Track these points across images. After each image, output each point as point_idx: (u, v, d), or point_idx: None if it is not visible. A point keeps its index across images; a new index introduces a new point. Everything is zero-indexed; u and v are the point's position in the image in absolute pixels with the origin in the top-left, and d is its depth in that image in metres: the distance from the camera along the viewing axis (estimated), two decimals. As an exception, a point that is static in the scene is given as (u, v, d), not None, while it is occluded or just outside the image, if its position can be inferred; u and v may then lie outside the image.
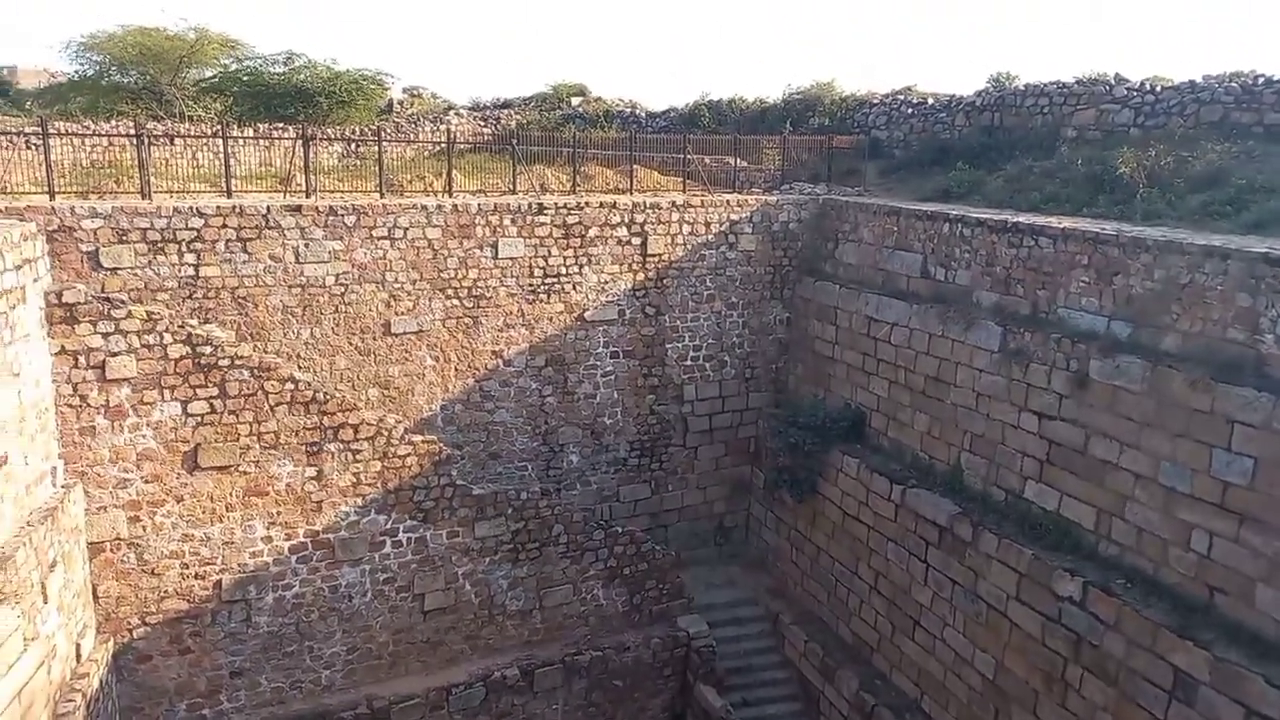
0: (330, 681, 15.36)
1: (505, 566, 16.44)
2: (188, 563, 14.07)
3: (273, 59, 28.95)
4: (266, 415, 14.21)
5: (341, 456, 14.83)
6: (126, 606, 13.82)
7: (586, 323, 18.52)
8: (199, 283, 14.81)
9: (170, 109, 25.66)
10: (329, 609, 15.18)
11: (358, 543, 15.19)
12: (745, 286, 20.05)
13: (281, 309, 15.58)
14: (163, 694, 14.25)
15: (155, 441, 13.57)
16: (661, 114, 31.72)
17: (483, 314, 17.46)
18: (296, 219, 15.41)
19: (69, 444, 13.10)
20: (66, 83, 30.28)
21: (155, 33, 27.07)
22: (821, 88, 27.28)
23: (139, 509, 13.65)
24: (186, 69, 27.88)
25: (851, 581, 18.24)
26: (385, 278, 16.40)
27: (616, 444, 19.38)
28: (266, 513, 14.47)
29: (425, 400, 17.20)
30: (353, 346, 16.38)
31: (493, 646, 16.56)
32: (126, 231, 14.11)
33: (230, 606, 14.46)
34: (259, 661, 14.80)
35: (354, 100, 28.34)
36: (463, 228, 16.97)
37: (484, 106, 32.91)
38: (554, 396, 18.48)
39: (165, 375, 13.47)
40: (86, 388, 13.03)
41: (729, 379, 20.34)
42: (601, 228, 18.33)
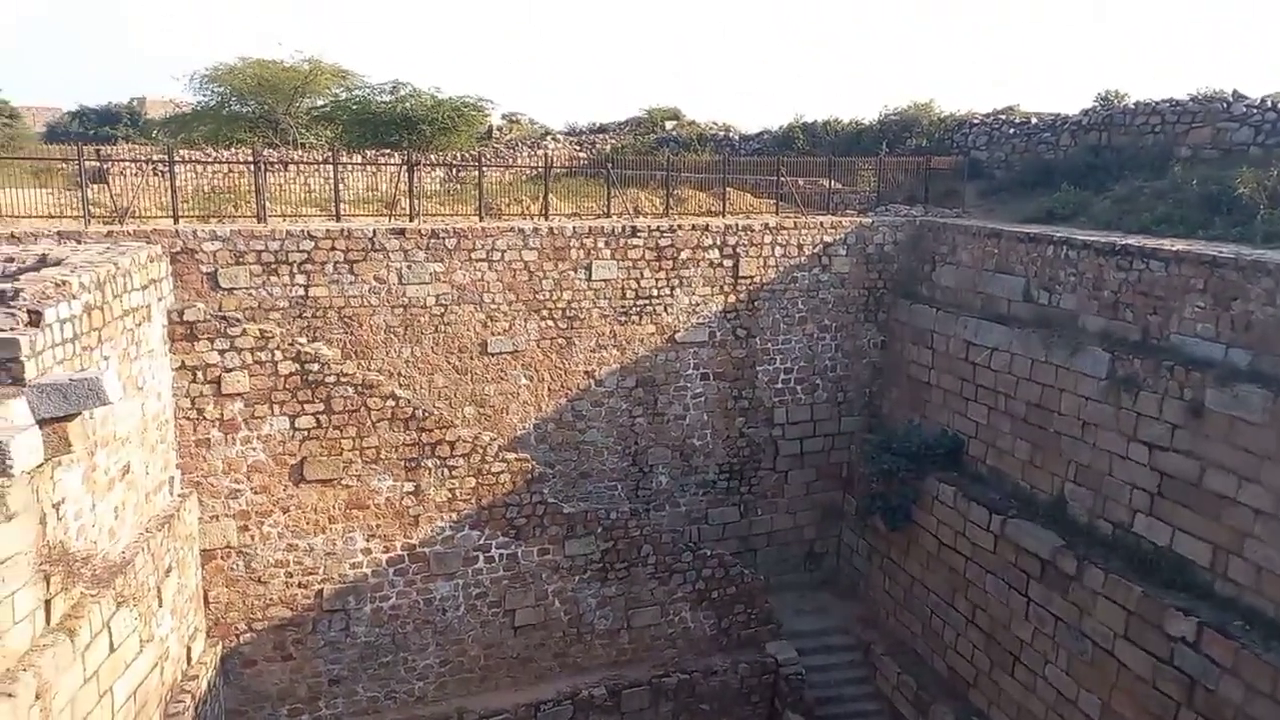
0: (423, 693, 15.70)
1: (594, 585, 16.55)
2: (292, 572, 14.63)
3: (380, 88, 30.13)
4: (369, 431, 14.71)
5: (438, 472, 15.23)
6: (234, 612, 14.44)
7: (677, 344, 18.60)
8: (308, 302, 15.45)
9: (285, 137, 26.95)
10: (423, 621, 15.55)
11: (452, 557, 15.53)
12: (838, 309, 19.83)
13: (384, 328, 16.12)
14: (266, 699, 14.81)
15: (264, 454, 14.20)
16: (755, 136, 31.72)
17: (576, 335, 17.71)
18: (400, 242, 15.96)
19: (186, 455, 13.82)
20: (190, 112, 32.11)
21: (272, 64, 28.51)
22: (919, 108, 26.88)
23: (248, 519, 14.29)
24: (300, 98, 29.23)
25: (947, 613, 17.73)
26: (483, 299, 16.82)
27: (705, 466, 19.34)
28: (366, 525, 14.94)
29: (519, 419, 17.52)
30: (451, 365, 16.82)
31: (581, 665, 16.67)
32: (243, 253, 14.86)
33: (330, 616, 14.96)
34: (356, 670, 15.25)
35: (456, 127, 29.21)
36: (558, 250, 17.29)
37: (580, 131, 33.51)
38: (644, 417, 18.58)
39: (275, 391, 14.10)
40: (203, 402, 13.74)
41: (821, 402, 20.10)
42: (694, 250, 18.42)
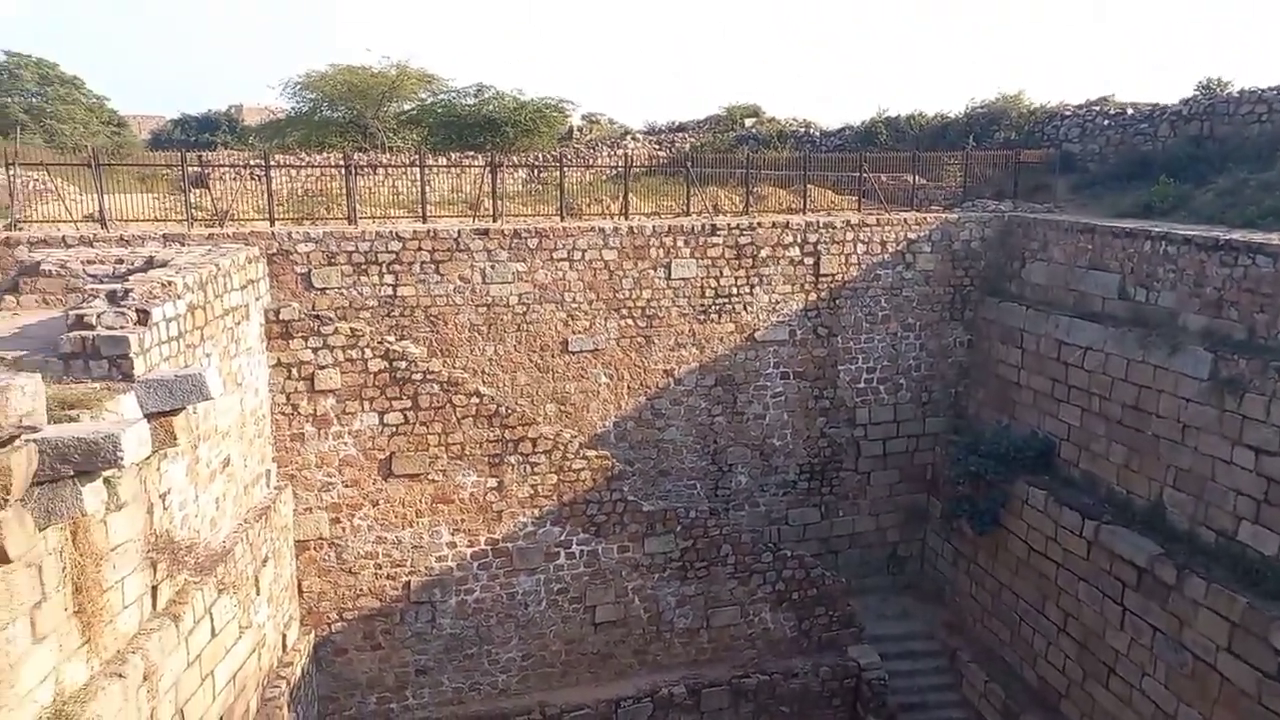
0: (506, 685, 15.98)
1: (674, 584, 16.59)
2: (380, 564, 15.05)
3: (465, 91, 30.75)
4: (454, 427, 15.04)
5: (520, 469, 15.47)
6: (326, 602, 14.93)
7: (757, 343, 18.49)
8: (396, 301, 15.86)
9: (373, 140, 27.73)
10: (506, 615, 15.82)
11: (534, 552, 15.76)
12: (923, 307, 19.44)
13: (469, 327, 16.44)
14: (355, 686, 15.27)
15: (355, 449, 14.64)
16: (836, 133, 31.32)
17: (655, 333, 17.77)
18: (484, 242, 16.26)
19: (281, 449, 14.35)
20: (284, 118, 33.29)
21: (361, 71, 29.37)
22: (1007, 100, 26.14)
23: (340, 511, 14.75)
24: (388, 103, 30.03)
25: (1037, 621, 17.22)
26: (564, 297, 17.01)
27: (786, 466, 19.19)
28: (452, 520, 15.27)
29: (599, 416, 17.66)
30: (532, 363, 17.06)
31: (660, 663, 16.72)
32: (335, 254, 15.34)
33: (418, 607, 15.34)
34: (442, 661, 15.60)
35: (537, 128, 29.61)
36: (637, 249, 17.37)
37: (659, 130, 33.60)
38: (723, 416, 18.53)
39: (365, 388, 14.53)
40: (298, 398, 14.24)
41: (904, 402, 19.74)
42: (774, 248, 18.29)
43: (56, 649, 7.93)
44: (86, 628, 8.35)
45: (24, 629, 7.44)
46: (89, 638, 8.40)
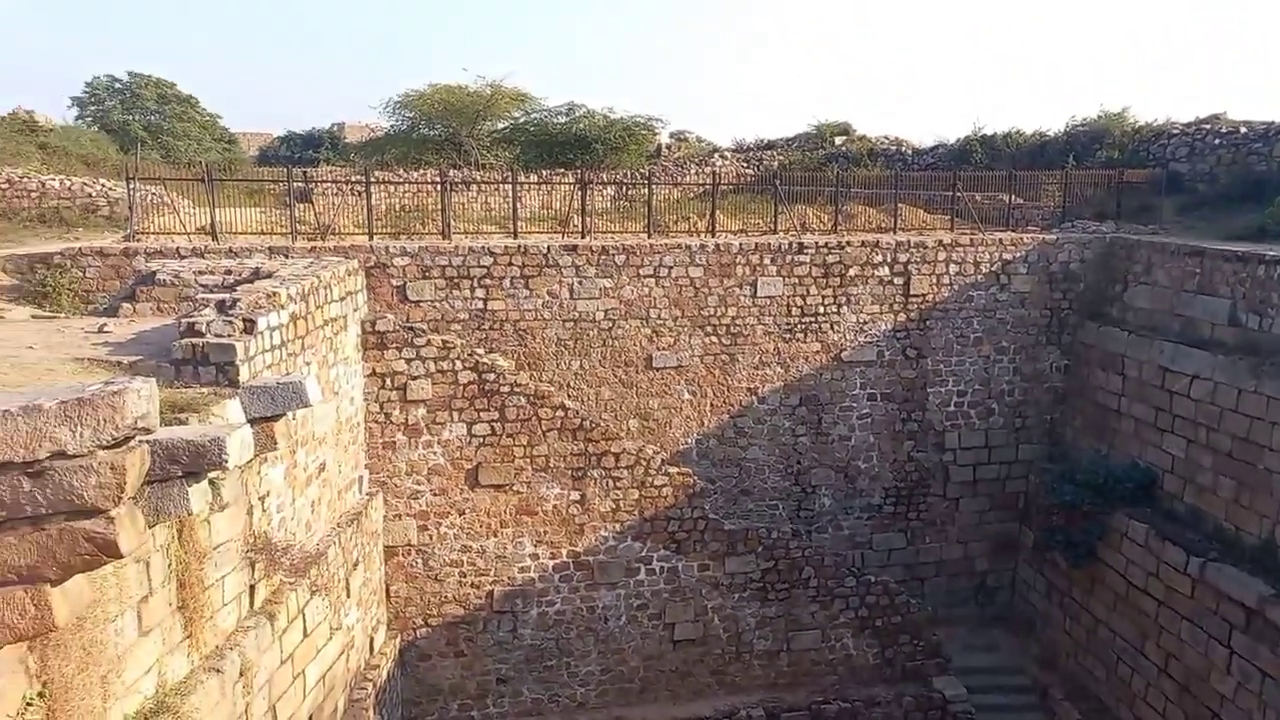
0: (584, 699, 16.04)
1: (754, 604, 16.43)
2: (465, 572, 15.32)
3: (557, 110, 31.25)
4: (539, 440, 15.25)
5: (603, 483, 15.58)
6: (413, 608, 15.26)
7: (843, 363, 18.24)
8: (486, 315, 16.18)
9: (467, 158, 28.40)
10: (586, 628, 15.91)
11: (614, 567, 15.83)
12: (1017, 330, 18.88)
13: (555, 341, 16.66)
14: (439, 692, 15.55)
15: (444, 458, 14.98)
16: (929, 150, 30.75)
17: (739, 351, 17.70)
18: (573, 258, 16.48)
19: (374, 456, 14.77)
20: (383, 136, 34.38)
21: (458, 90, 30.15)
22: (1110, 118, 25.29)
23: (427, 519, 15.10)
24: (482, 121, 30.73)
25: (1136, 660, 16.45)
26: (649, 314, 17.09)
27: (871, 489, 18.83)
28: (535, 531, 15.46)
29: (681, 433, 17.66)
30: (617, 378, 17.17)
31: (739, 684, 16.56)
32: (429, 268, 15.75)
33: (500, 617, 15.55)
34: (522, 671, 15.77)
35: (626, 146, 29.89)
36: (723, 267, 17.36)
37: (747, 148, 33.51)
38: (807, 436, 18.31)
39: (455, 399, 14.86)
40: (390, 406, 14.66)
41: (996, 428, 19.17)
42: (862, 267, 18.05)
43: (160, 642, 8.30)
44: (188, 623, 8.72)
45: (131, 621, 7.83)
46: (190, 633, 8.77)
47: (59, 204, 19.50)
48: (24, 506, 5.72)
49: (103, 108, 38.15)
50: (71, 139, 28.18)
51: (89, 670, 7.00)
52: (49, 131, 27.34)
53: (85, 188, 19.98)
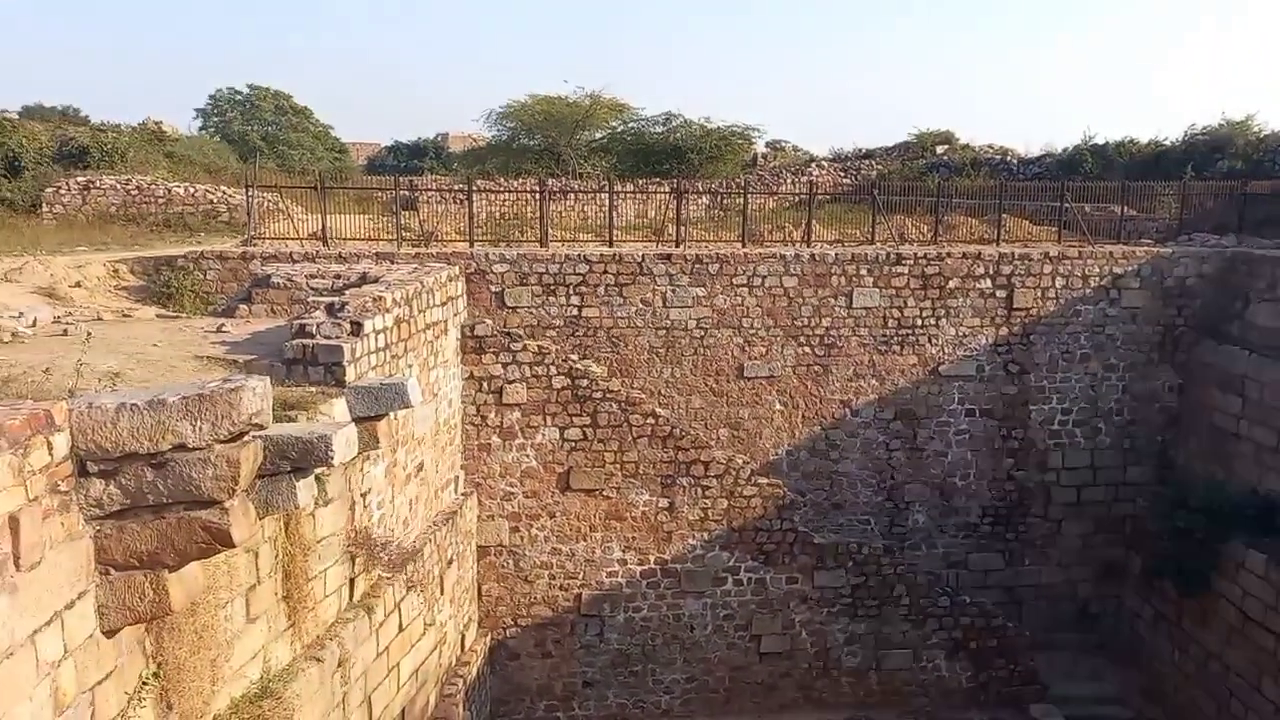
0: (669, 707, 16.06)
1: (843, 620, 16.18)
2: (555, 574, 15.55)
3: (654, 120, 31.57)
4: (629, 446, 15.38)
5: (692, 491, 15.60)
6: (503, 607, 15.57)
7: (941, 377, 17.80)
8: (580, 322, 16.40)
9: (565, 167, 28.91)
10: (672, 636, 15.94)
11: (702, 576, 15.82)
12: (1127, 347, 18.10)
13: (648, 349, 16.76)
14: (526, 692, 15.81)
15: (536, 461, 15.25)
16: (1036, 160, 29.80)
17: (833, 362, 17.47)
18: (666, 266, 16.57)
19: (469, 457, 15.15)
20: (485, 146, 35.29)
21: (558, 101, 30.74)
22: (1233, 127, 24.04)
23: (519, 520, 15.39)
24: (580, 131, 31.25)
25: (1251, 697, 15.53)
26: (741, 323, 17.03)
27: (968, 507, 18.30)
28: (623, 537, 15.59)
29: (772, 444, 17.52)
30: (708, 387, 17.16)
31: (826, 701, 16.32)
32: (526, 275, 16.07)
33: (587, 620, 15.73)
34: (608, 676, 15.90)
35: (722, 155, 29.94)
36: (818, 277, 17.17)
37: (845, 157, 33.11)
38: (902, 451, 17.92)
39: (548, 403, 15.13)
40: (486, 409, 15.02)
41: (1103, 448, 18.39)
42: (963, 279, 17.60)
43: (266, 630, 8.67)
44: (292, 613, 9.10)
45: (240, 609, 8.21)
46: (294, 622, 9.15)
47: (183, 210, 20.67)
48: (146, 496, 6.07)
49: (224, 118, 40.24)
50: (195, 148, 29.81)
51: (200, 653, 7.36)
52: (175, 141, 29.00)
53: (207, 194, 21.13)
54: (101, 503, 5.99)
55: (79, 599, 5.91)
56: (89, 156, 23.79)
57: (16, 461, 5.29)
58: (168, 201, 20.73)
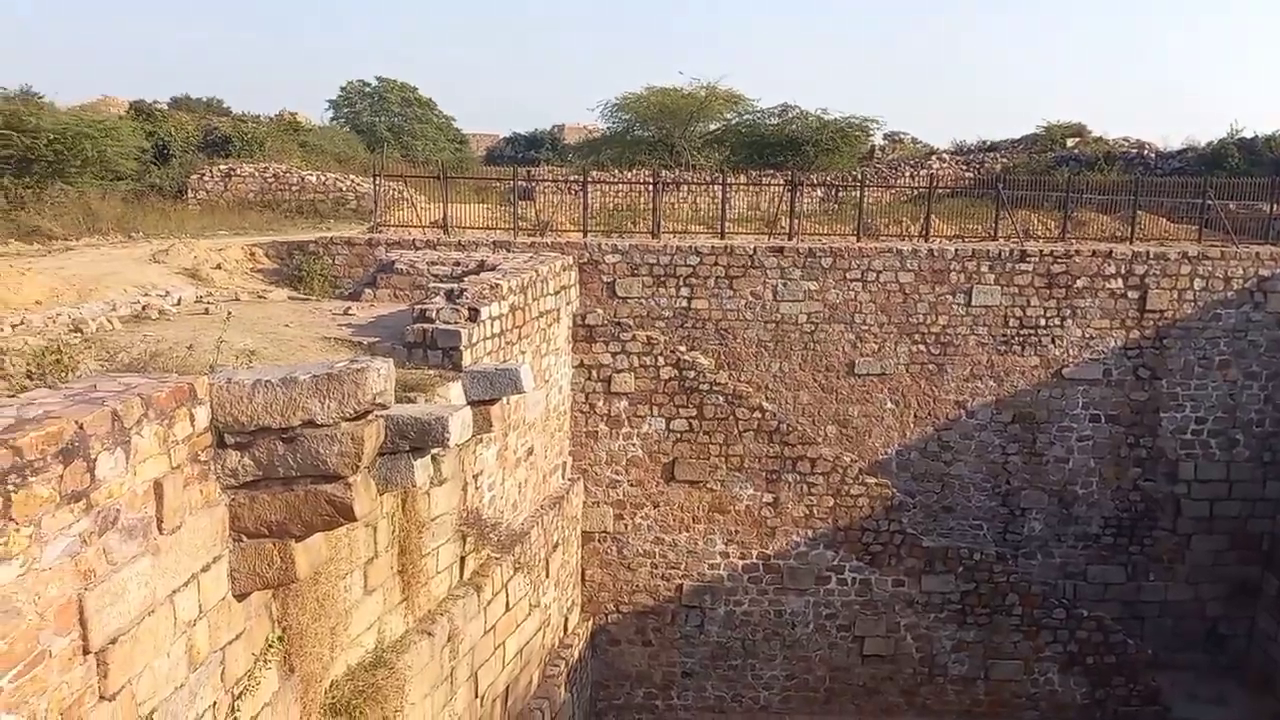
0: (767, 702, 16.00)
1: (950, 627, 15.77)
2: (657, 564, 15.68)
3: (770, 111, 31.22)
4: (735, 439, 15.34)
5: (797, 487, 15.46)
6: (605, 593, 15.78)
7: (1064, 380, 17.06)
8: (689, 313, 16.42)
9: (678, 159, 28.92)
10: (772, 632, 15.85)
11: (804, 573, 15.66)
12: (1272, 354, 16.93)
13: (756, 342, 16.65)
14: (625, 678, 16.00)
15: (642, 451, 15.39)
16: (1175, 154, 28.14)
17: (948, 361, 16.97)
18: (778, 260, 16.42)
19: (576, 444, 15.40)
20: (600, 137, 35.63)
21: (673, 92, 30.77)
22: (1403, 118, 22.10)
23: (623, 508, 15.57)
24: (695, 123, 31.20)
25: (1402, 736, 14.40)
26: (854, 319, 16.73)
27: (1088, 517, 17.51)
28: (726, 530, 15.58)
29: (881, 443, 17.17)
30: (816, 383, 16.94)
31: (930, 708, 15.95)
32: (638, 266, 16.19)
33: (688, 611, 15.79)
34: (707, 667, 15.94)
35: (838, 147, 29.40)
36: (936, 273, 16.70)
37: (967, 150, 32.02)
38: (1019, 456, 17.28)
39: (655, 393, 15.24)
40: (595, 398, 15.23)
41: (1240, 460, 17.29)
42: (1092, 278, 16.80)
43: (381, 602, 9.03)
44: (406, 587, 9.44)
45: (358, 580, 8.57)
46: (407, 596, 9.49)
47: (314, 197, 21.66)
48: (277, 468, 6.37)
49: (354, 109, 41.86)
50: (327, 138, 31.17)
51: (321, 621, 7.71)
52: (308, 131, 30.40)
53: (337, 183, 22.07)
54: (236, 473, 6.30)
55: (214, 563, 6.23)
56: (230, 145, 25.21)
57: (162, 431, 5.59)
58: (301, 189, 21.76)
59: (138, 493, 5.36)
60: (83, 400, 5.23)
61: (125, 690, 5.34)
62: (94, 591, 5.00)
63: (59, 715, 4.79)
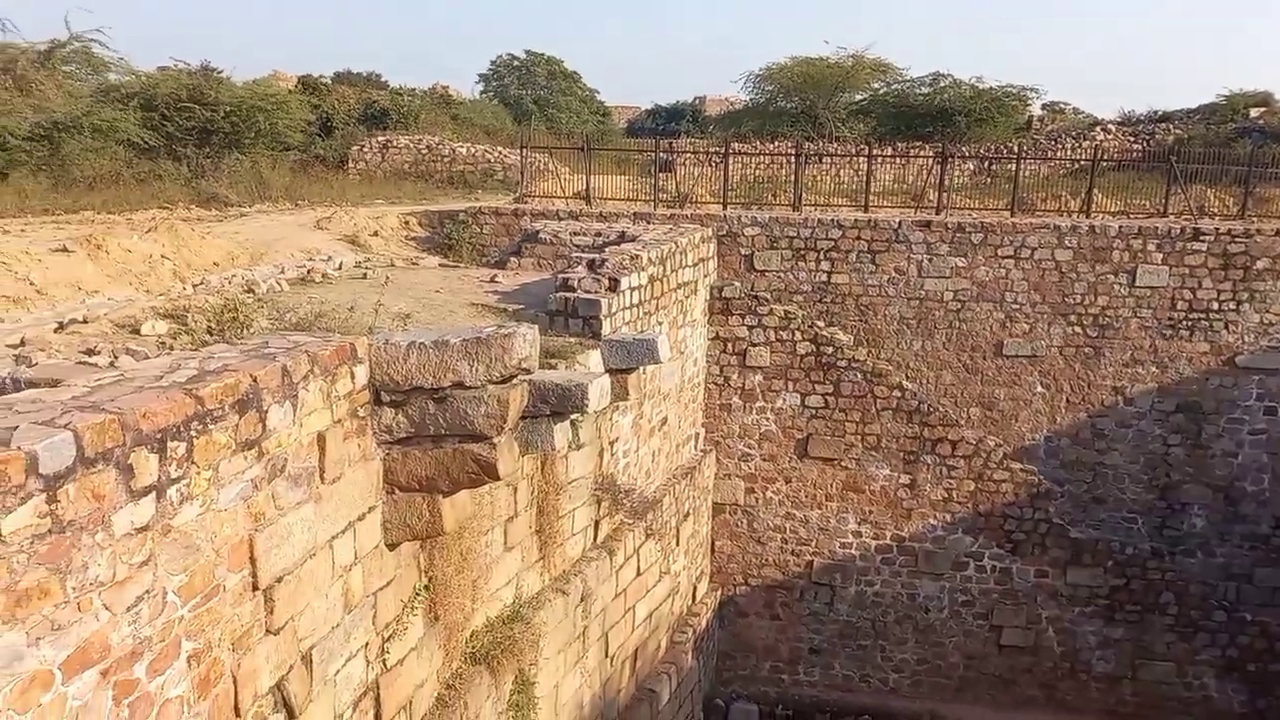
0: (897, 685, 15.74)
1: (1096, 622, 15.06)
2: (787, 539, 15.61)
3: (920, 80, 30.09)
4: (872, 418, 15.04)
5: (936, 469, 15.04)
6: (734, 565, 15.85)
7: (1237, 369, 15.82)
8: (829, 288, 16.12)
9: (822, 130, 28.30)
10: (904, 615, 15.55)
11: (941, 558, 15.26)
12: None
13: (897, 319, 16.20)
14: (752, 650, 16.06)
15: (775, 426, 15.30)
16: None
17: (1106, 345, 16.02)
18: (924, 234, 15.88)
19: (709, 416, 15.46)
20: (741, 109, 35.25)
21: (818, 62, 30.07)
22: None
23: (754, 482, 15.55)
24: (840, 94, 30.41)
25: None
26: (1004, 298, 16.02)
27: (1258, 516, 16.24)
28: (859, 509, 15.34)
29: (1028, 428, 16.43)
30: (960, 363, 16.35)
31: (1070, 705, 15.31)
32: (777, 239, 16.00)
33: (817, 588, 15.68)
34: (835, 646, 15.81)
35: (992, 118, 28.07)
36: (1097, 251, 15.76)
37: (1135, 120, 29.94)
38: (1181, 448, 16.18)
39: (791, 368, 15.10)
40: (729, 371, 15.23)
41: None
42: (1274, 260, 15.47)
43: (520, 560, 9.39)
44: (543, 546, 9.78)
45: (499, 538, 8.93)
46: (543, 556, 9.83)
47: (464, 168, 22.42)
48: (428, 426, 6.69)
49: (503, 83, 42.92)
50: (476, 111, 32.13)
51: (464, 574, 8.09)
52: (460, 104, 31.39)
53: (485, 154, 22.76)
54: (391, 429, 6.66)
55: (368, 513, 6.60)
56: (388, 118, 26.35)
57: (326, 387, 5.95)
58: (451, 160, 22.56)
59: (303, 444, 5.70)
60: (256, 356, 5.57)
61: (288, 626, 5.71)
62: (263, 533, 5.36)
63: (230, 645, 5.17)
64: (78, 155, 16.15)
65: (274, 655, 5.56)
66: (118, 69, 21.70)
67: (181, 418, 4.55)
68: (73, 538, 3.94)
